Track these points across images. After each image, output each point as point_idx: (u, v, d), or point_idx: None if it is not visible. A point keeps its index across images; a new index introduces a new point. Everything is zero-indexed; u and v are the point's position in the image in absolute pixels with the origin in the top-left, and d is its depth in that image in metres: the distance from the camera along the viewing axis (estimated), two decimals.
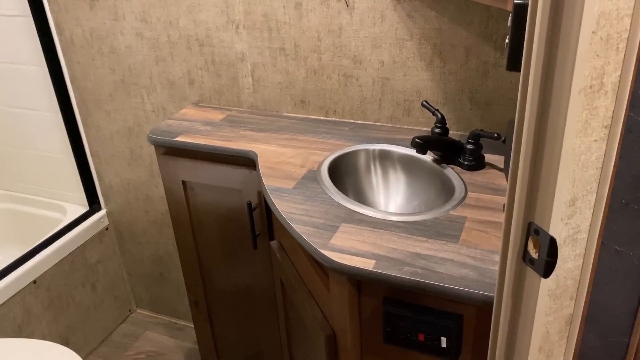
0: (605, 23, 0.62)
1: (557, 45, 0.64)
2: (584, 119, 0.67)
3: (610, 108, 0.68)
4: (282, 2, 1.62)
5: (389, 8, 1.51)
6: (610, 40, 0.63)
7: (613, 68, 0.65)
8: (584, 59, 0.63)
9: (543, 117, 0.69)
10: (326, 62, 1.66)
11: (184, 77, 1.88)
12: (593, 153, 0.70)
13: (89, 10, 1.89)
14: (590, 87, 0.65)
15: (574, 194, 0.72)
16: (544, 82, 0.67)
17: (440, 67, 1.53)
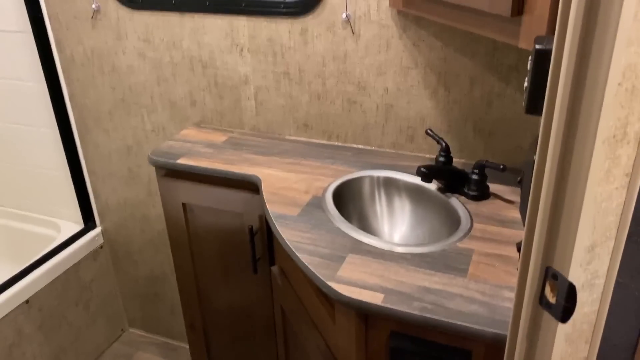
0: (630, 75, 0.62)
1: (581, 95, 0.64)
2: (606, 168, 0.67)
3: (632, 156, 0.68)
4: (288, 28, 1.62)
5: (394, 36, 1.52)
6: (635, 92, 0.64)
7: (636, 118, 0.66)
8: (609, 110, 0.63)
9: (565, 164, 0.69)
10: (330, 87, 1.66)
11: (186, 98, 1.87)
12: (614, 200, 0.70)
13: (91, 29, 1.88)
14: (614, 137, 0.66)
15: (594, 240, 0.72)
16: (567, 130, 0.67)
17: (444, 95, 1.53)
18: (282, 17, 1.61)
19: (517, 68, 1.41)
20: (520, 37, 1.02)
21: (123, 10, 1.80)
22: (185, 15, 1.73)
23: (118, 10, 1.80)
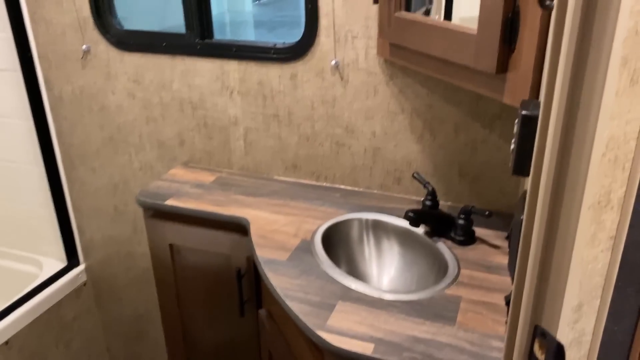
0: (614, 146, 0.65)
1: (567, 165, 0.67)
2: (592, 232, 0.70)
3: (615, 221, 0.71)
4: (278, 72, 1.66)
5: (382, 83, 1.56)
6: (618, 161, 0.67)
7: (619, 185, 0.69)
8: (594, 179, 0.66)
9: (552, 228, 0.71)
10: (319, 130, 1.69)
11: (175, 137, 1.89)
12: (599, 262, 0.72)
13: (80, 69, 1.89)
14: (599, 203, 0.68)
15: (581, 299, 0.74)
16: (554, 196, 0.70)
17: (430, 140, 1.57)
18: (273, 62, 1.65)
19: (501, 116, 1.46)
20: (505, 94, 1.06)
21: (113, 52, 1.81)
22: (176, 57, 1.75)
23: (108, 51, 1.82)
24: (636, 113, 0.64)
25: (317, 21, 1.55)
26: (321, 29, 1.55)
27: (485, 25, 1.04)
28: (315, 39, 1.58)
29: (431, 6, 2.05)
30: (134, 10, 1.99)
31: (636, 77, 0.62)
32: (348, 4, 1.50)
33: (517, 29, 1.00)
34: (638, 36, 0.60)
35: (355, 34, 1.53)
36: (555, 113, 0.67)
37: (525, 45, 0.99)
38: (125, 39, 1.79)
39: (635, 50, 0.60)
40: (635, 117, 0.65)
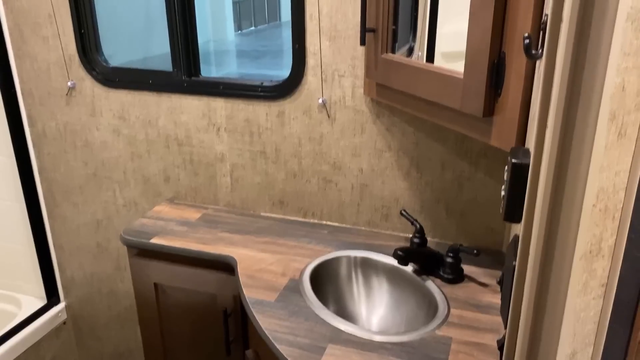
0: (603, 197, 0.67)
1: (559, 214, 0.68)
2: (584, 281, 0.70)
3: (606, 268, 0.72)
4: (265, 110, 1.66)
5: (368, 121, 1.57)
6: (608, 211, 0.68)
7: (609, 234, 0.70)
8: (585, 229, 0.67)
9: (545, 277, 0.72)
10: (306, 167, 1.69)
11: (160, 174, 1.87)
12: (591, 309, 0.73)
13: (65, 105, 1.88)
14: (590, 252, 0.69)
15: (574, 348, 0.74)
16: (546, 246, 0.70)
17: (417, 177, 1.58)
18: (260, 100, 1.66)
19: (486, 154, 1.48)
20: (492, 137, 1.08)
21: (99, 89, 1.81)
22: (162, 95, 1.75)
23: (94, 88, 1.82)
24: (625, 165, 0.66)
25: (305, 61, 1.57)
26: (308, 68, 1.57)
27: (472, 69, 1.06)
28: (302, 78, 1.59)
29: (414, 44, 2.09)
30: (119, 40, 1.99)
31: (624, 130, 0.63)
32: (335, 45, 1.52)
33: (503, 74, 1.02)
34: (625, 92, 0.62)
35: (342, 73, 1.55)
36: (545, 165, 0.68)
37: (511, 89, 1.01)
38: (111, 76, 1.79)
39: (623, 105, 0.62)
40: (624, 169, 0.66)
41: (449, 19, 2.24)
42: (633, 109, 0.63)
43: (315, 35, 1.53)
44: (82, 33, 1.76)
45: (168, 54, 1.72)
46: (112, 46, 1.87)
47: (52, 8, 1.74)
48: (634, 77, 0.62)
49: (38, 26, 1.79)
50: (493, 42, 1.01)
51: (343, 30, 1.50)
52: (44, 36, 1.80)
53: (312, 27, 1.53)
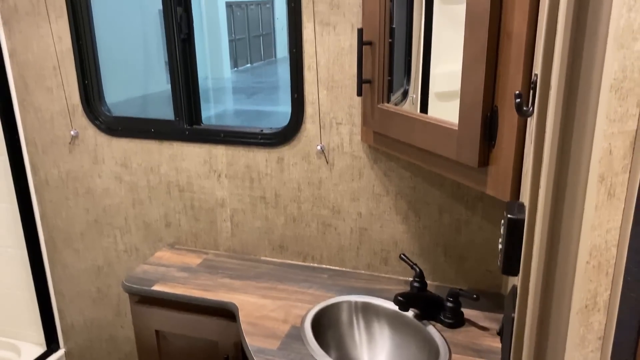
0: (596, 254, 0.69)
1: (554, 271, 0.71)
2: (581, 334, 0.72)
3: (603, 322, 0.74)
4: (265, 156, 1.70)
5: (366, 167, 1.61)
6: (601, 267, 0.70)
7: (604, 289, 0.72)
8: (580, 284, 0.69)
9: (543, 331, 0.74)
10: (306, 211, 1.72)
11: (161, 219, 1.89)
12: None
13: (67, 153, 1.91)
14: (586, 307, 0.71)
15: None
16: (544, 301, 0.73)
17: (415, 221, 1.61)
18: (260, 147, 1.69)
19: (482, 199, 1.51)
20: (488, 186, 1.11)
21: (101, 137, 1.85)
22: (164, 143, 1.79)
23: (96, 136, 1.85)
24: (615, 222, 0.69)
25: (303, 109, 1.61)
26: (307, 116, 1.62)
27: (466, 122, 1.10)
28: (301, 125, 1.63)
29: (408, 87, 2.15)
30: (119, 79, 2.04)
31: (613, 191, 0.67)
32: (332, 94, 1.57)
33: (497, 126, 1.06)
34: (612, 155, 0.65)
35: (340, 120, 1.59)
36: (540, 222, 0.71)
37: (505, 141, 1.04)
38: (114, 125, 1.83)
39: (611, 168, 0.65)
40: (614, 226, 0.69)
41: (441, 60, 2.31)
42: (620, 171, 0.67)
43: (313, 85, 1.58)
44: (85, 84, 1.80)
45: (164, 91, 1.76)
46: (111, 85, 1.90)
47: (57, 60, 1.79)
48: (620, 142, 0.65)
49: (43, 78, 1.84)
50: (486, 97, 1.05)
51: (340, 80, 1.55)
52: (49, 87, 1.84)
53: (310, 78, 1.58)
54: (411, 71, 2.08)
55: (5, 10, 1.81)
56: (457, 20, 1.19)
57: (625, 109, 0.64)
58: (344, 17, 1.49)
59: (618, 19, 0.60)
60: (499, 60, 1.03)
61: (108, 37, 1.85)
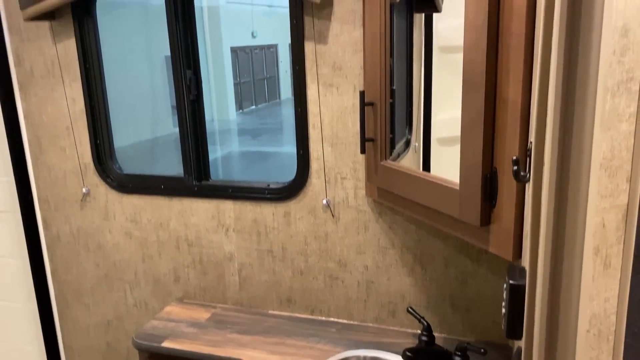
0: (596, 322, 0.71)
1: (556, 339, 0.73)
2: None
3: None
4: (272, 210, 1.74)
5: (371, 220, 1.64)
6: (602, 335, 0.72)
7: (606, 356, 0.74)
8: (581, 352, 0.71)
9: None
10: (313, 264, 1.74)
11: (170, 274, 1.92)
12: None
13: (79, 210, 1.96)
14: None
15: None
16: None
17: (421, 274, 1.63)
18: (267, 202, 1.73)
19: (487, 251, 1.53)
20: (490, 244, 1.14)
21: (112, 194, 1.89)
22: (173, 199, 1.83)
23: (107, 193, 1.90)
24: (613, 291, 0.71)
25: (309, 165, 1.65)
26: (312, 171, 1.66)
27: (467, 182, 1.14)
28: (307, 180, 1.67)
29: (410, 136, 2.20)
30: (125, 124, 2.08)
31: (608, 261, 0.69)
32: (337, 150, 1.62)
33: (497, 186, 1.09)
34: (605, 228, 0.68)
35: (345, 175, 1.63)
36: (540, 290, 0.73)
37: (505, 202, 1.08)
38: (125, 182, 1.87)
39: (605, 240, 0.68)
40: (612, 295, 0.71)
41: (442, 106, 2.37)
42: (615, 242, 0.70)
43: (318, 142, 1.63)
44: (97, 143, 1.86)
45: (170, 134, 1.80)
46: (118, 130, 1.95)
47: (71, 121, 1.86)
48: (613, 215, 0.69)
49: (56, 138, 1.90)
50: (485, 158, 1.09)
51: (344, 137, 1.60)
52: (62, 147, 1.90)
53: (315, 135, 1.63)
54: (413, 120, 2.14)
55: (21, 75, 1.89)
56: (456, 68, 1.24)
57: (616, 184, 0.68)
58: (347, 79, 1.56)
59: (603, 104, 0.64)
60: (497, 124, 1.07)
61: (115, 83, 1.91)
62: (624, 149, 0.68)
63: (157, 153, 2.77)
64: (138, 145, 2.57)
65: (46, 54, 1.83)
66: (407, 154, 2.05)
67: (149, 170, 2.50)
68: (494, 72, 1.06)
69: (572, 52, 0.65)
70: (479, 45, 1.05)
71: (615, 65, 0.64)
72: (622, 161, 0.68)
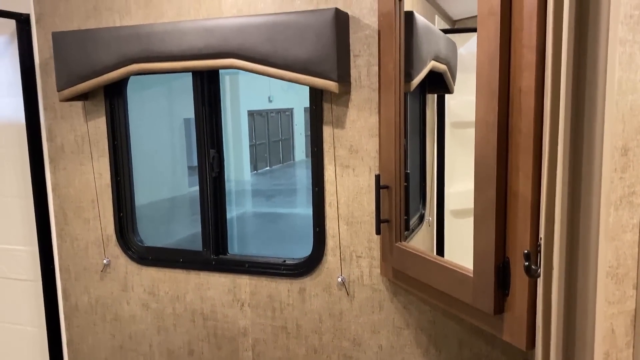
0: None
1: None
2: None
3: None
4: (287, 286, 1.76)
5: (386, 299, 1.65)
6: None
7: None
8: None
9: None
10: (327, 342, 1.74)
11: (184, 347, 1.93)
12: None
13: (98, 280, 2.00)
14: None
15: None
16: None
17: (436, 355, 1.62)
18: (282, 278, 1.76)
19: None
20: (504, 332, 1.15)
21: (132, 266, 1.94)
22: (191, 272, 1.87)
23: (127, 265, 1.94)
24: None
25: (325, 242, 1.69)
26: (328, 249, 1.70)
27: (480, 271, 1.16)
28: (322, 257, 1.71)
29: (424, 210, 2.24)
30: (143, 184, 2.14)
31: None
32: (352, 229, 1.66)
33: (509, 276, 1.12)
34: (614, 334, 0.71)
35: (360, 254, 1.67)
36: None
37: (518, 290, 1.10)
38: (144, 254, 1.92)
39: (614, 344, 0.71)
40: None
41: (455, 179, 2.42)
42: (624, 347, 0.72)
43: (334, 220, 1.67)
44: (120, 216, 1.93)
45: (185, 194, 1.84)
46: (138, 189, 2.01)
47: (96, 195, 1.94)
48: (621, 321, 0.71)
49: (81, 210, 1.97)
50: (497, 249, 1.12)
51: (359, 216, 1.65)
52: (86, 218, 1.97)
53: (331, 214, 1.68)
54: (426, 195, 2.19)
55: (52, 149, 1.98)
56: (468, 143, 1.28)
57: (623, 291, 0.71)
58: (362, 161, 1.62)
59: (607, 216, 0.69)
60: (508, 215, 1.11)
61: (137, 147, 1.99)
62: (630, 257, 0.71)
63: (173, 212, 2.84)
64: (154, 204, 2.63)
65: (77, 131, 1.94)
66: (421, 228, 2.08)
67: (164, 229, 2.55)
68: (505, 166, 1.11)
69: (575, 171, 0.70)
70: (490, 140, 1.11)
71: (617, 182, 0.68)
72: (628, 269, 0.71)
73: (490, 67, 1.10)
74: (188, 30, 1.62)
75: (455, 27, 2.40)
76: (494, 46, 1.09)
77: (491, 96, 1.09)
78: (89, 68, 1.75)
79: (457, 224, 2.48)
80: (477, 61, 1.13)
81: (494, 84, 1.09)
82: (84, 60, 1.75)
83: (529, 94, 1.03)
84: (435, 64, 1.79)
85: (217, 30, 1.58)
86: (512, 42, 1.08)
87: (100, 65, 1.73)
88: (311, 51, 1.51)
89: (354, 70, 1.60)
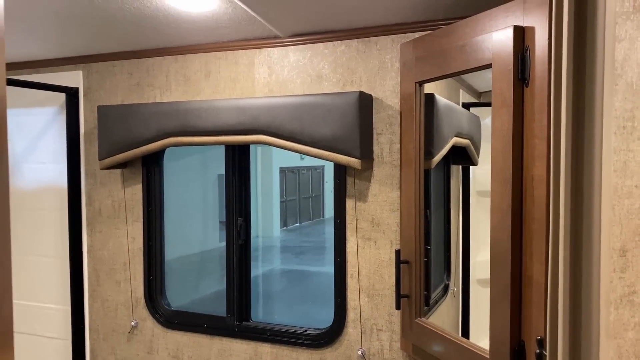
0: None
1: None
2: None
3: None
4: (308, 357, 1.77)
5: None
6: None
7: None
8: None
9: None
10: None
11: None
12: None
13: (125, 342, 2.05)
14: None
15: None
16: None
17: None
18: (303, 348, 1.78)
19: None
20: None
21: (158, 329, 1.99)
22: (214, 338, 1.91)
23: (154, 328, 2.00)
24: None
25: (345, 314, 1.72)
26: (349, 320, 1.72)
27: (496, 353, 1.17)
28: (343, 329, 1.73)
29: (449, 281, 2.24)
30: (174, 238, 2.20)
31: None
32: (373, 302, 1.68)
33: (525, 358, 1.13)
34: None
35: (380, 327, 1.68)
36: None
37: None
38: (171, 318, 1.97)
39: None
40: None
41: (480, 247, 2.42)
42: None
43: (355, 292, 1.70)
44: (150, 279, 2.00)
45: (215, 249, 1.89)
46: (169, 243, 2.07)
47: (128, 258, 2.02)
48: None
49: (113, 272, 2.05)
50: (512, 332, 1.14)
51: (380, 289, 1.67)
52: (117, 280, 2.05)
53: (352, 285, 1.71)
54: (451, 265, 2.20)
55: (90, 213, 2.09)
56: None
57: None
58: (384, 234, 1.66)
59: (607, 315, 0.71)
60: (524, 299, 1.13)
61: (171, 205, 2.07)
62: (632, 355, 0.73)
63: (203, 267, 2.90)
64: (184, 259, 2.69)
65: (114, 197, 2.05)
66: (446, 299, 2.08)
67: (192, 284, 2.61)
68: (519, 251, 1.14)
69: (576, 271, 0.74)
70: (504, 226, 1.14)
71: (616, 281, 0.71)
72: None
73: (504, 156, 1.15)
74: (222, 108, 1.73)
75: (481, 101, 2.47)
76: (507, 136, 1.14)
77: (505, 184, 1.14)
78: (129, 140, 1.87)
79: (483, 293, 2.47)
80: (491, 150, 1.18)
81: (507, 172, 1.14)
82: (125, 132, 1.88)
83: (541, 183, 1.08)
84: (457, 139, 1.86)
85: (248, 109, 1.69)
86: (524, 132, 1.13)
87: (140, 138, 1.85)
88: (336, 130, 1.59)
89: (377, 147, 1.67)
